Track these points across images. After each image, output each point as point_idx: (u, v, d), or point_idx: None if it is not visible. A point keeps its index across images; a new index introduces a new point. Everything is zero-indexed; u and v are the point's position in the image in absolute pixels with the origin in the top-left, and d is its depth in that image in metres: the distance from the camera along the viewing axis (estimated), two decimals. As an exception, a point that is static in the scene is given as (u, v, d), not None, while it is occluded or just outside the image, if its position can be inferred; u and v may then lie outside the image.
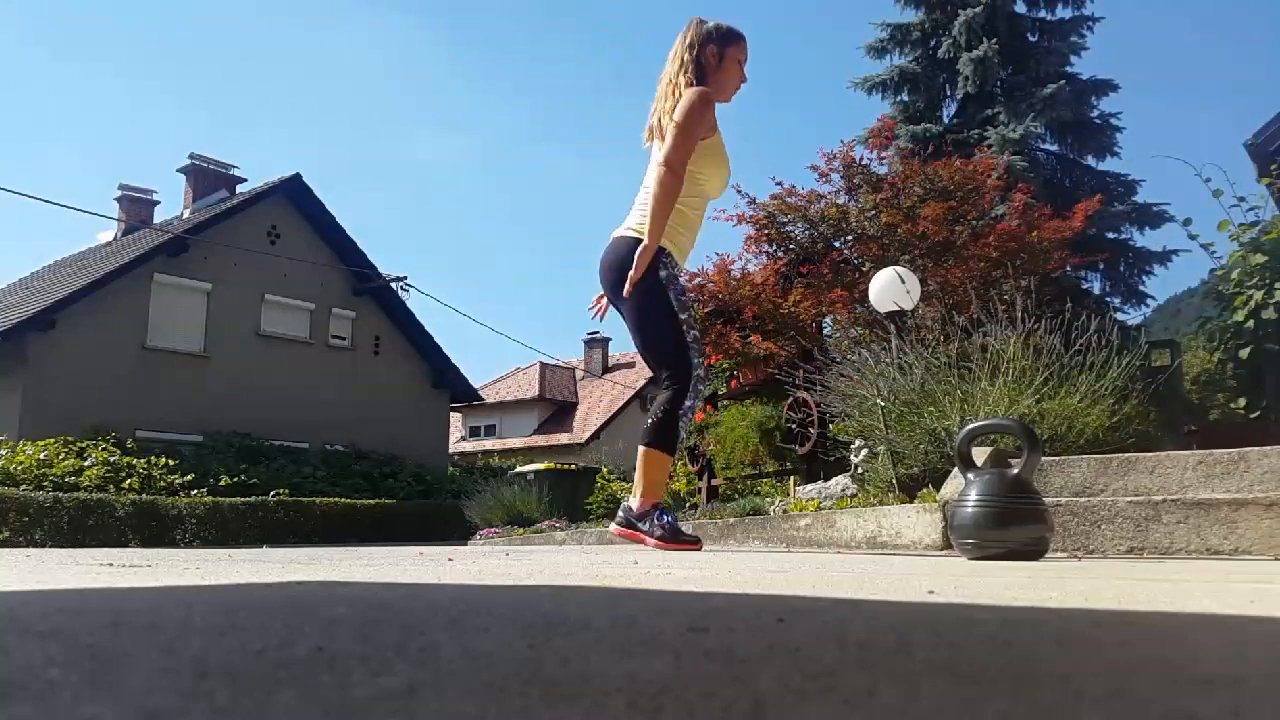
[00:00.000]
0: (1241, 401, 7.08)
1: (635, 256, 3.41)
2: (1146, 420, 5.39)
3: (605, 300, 3.82)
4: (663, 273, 3.48)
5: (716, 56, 3.62)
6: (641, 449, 3.54)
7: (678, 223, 3.52)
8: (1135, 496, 3.41)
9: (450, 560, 2.89)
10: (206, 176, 22.26)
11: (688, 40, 3.63)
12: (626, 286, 3.41)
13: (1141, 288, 16.93)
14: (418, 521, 15.80)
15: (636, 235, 3.48)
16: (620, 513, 3.68)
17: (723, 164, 3.64)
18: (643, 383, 30.47)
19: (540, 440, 34.00)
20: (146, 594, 1.54)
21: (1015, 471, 2.99)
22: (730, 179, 3.72)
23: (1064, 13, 17.79)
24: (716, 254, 10.94)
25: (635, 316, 3.55)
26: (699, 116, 3.45)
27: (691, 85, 3.50)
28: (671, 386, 3.45)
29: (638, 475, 3.59)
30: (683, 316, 3.48)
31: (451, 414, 25.76)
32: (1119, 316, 15.75)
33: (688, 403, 3.46)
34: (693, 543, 3.63)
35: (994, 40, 16.67)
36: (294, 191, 21.38)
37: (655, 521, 3.54)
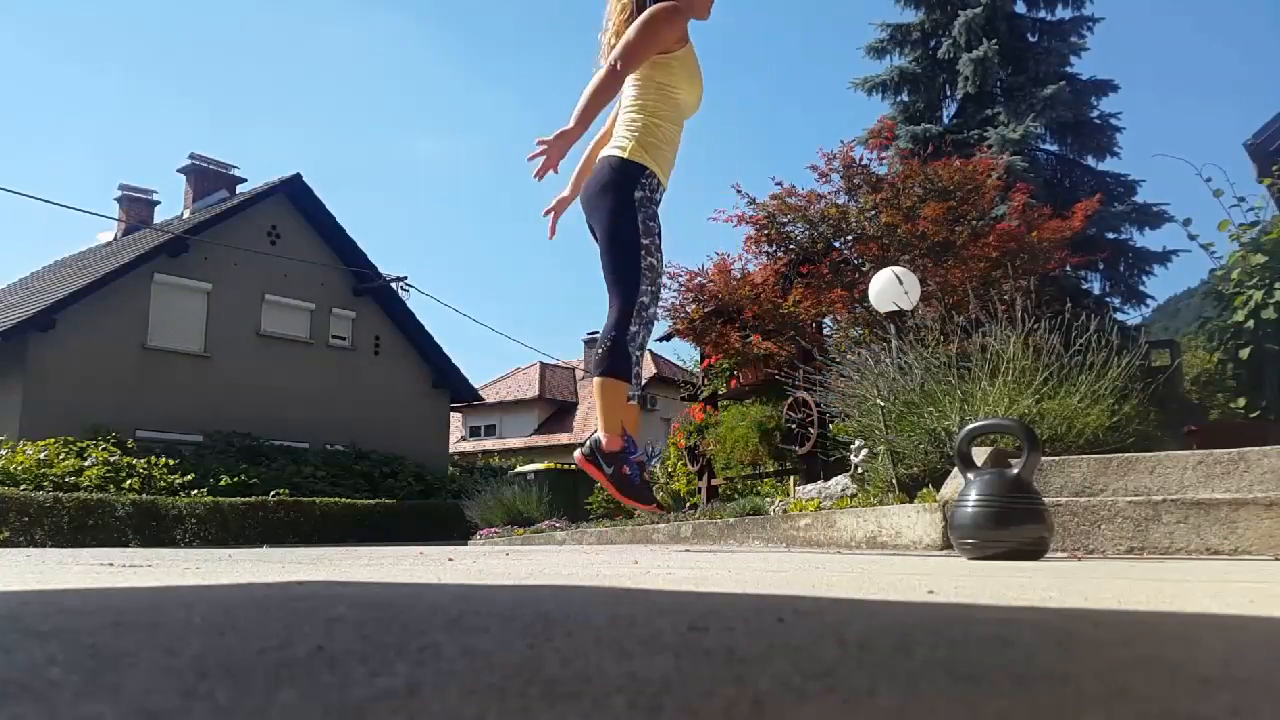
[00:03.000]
0: (1241, 401, 7.08)
1: (602, 169, 3.29)
2: (1146, 420, 5.39)
3: (559, 209, 3.69)
4: (638, 193, 3.35)
5: None
6: (596, 381, 3.40)
7: (660, 141, 3.41)
8: (1135, 496, 3.41)
9: (450, 560, 2.89)
10: (206, 176, 22.26)
11: None
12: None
13: (1141, 288, 16.93)
14: (418, 521, 15.80)
15: (616, 153, 3.36)
16: (589, 442, 3.53)
17: (697, 77, 3.49)
18: (644, 382, 30.45)
19: (540, 440, 34.00)
20: (147, 594, 1.54)
21: (1015, 471, 2.99)
22: (704, 97, 3.56)
23: (1064, 13, 17.79)
24: (716, 254, 10.95)
25: (600, 233, 3.42)
26: (660, 29, 3.29)
27: None
28: (616, 310, 3.32)
29: (598, 408, 3.45)
30: (644, 241, 3.33)
31: (451, 414, 25.75)
32: (1119, 316, 15.74)
33: (633, 328, 3.31)
34: (650, 503, 3.48)
35: (994, 41, 16.67)
36: (294, 191, 21.37)
37: (619, 466, 3.41)
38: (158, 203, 23.21)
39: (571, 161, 3.61)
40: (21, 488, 12.16)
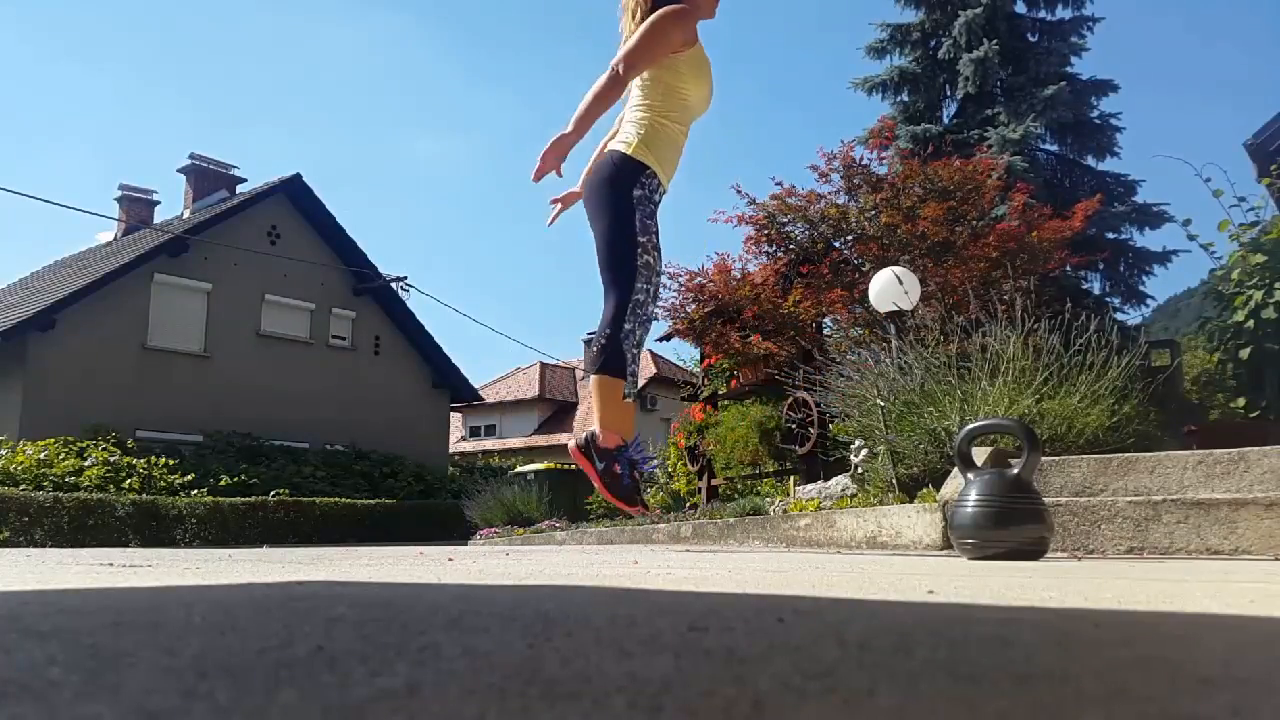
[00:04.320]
0: (1241, 401, 7.08)
1: (603, 164, 3.29)
2: (1146, 420, 5.39)
3: (566, 201, 3.70)
4: (637, 191, 3.34)
5: None
6: (592, 378, 3.40)
7: (664, 141, 3.40)
8: (1135, 496, 3.41)
9: (450, 560, 2.89)
10: (206, 176, 22.26)
11: None
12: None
13: (1141, 288, 16.93)
14: (418, 521, 15.80)
15: (619, 148, 3.35)
16: (585, 434, 3.51)
17: (706, 76, 3.49)
18: (644, 381, 30.47)
19: (540, 440, 34.00)
20: (147, 594, 1.54)
21: (1015, 471, 2.99)
22: (714, 95, 3.56)
23: (1064, 13, 17.79)
24: (716, 254, 10.95)
25: (598, 230, 3.42)
26: (665, 33, 3.29)
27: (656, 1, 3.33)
28: (611, 307, 3.31)
29: (595, 405, 3.44)
30: (641, 239, 3.32)
31: (451, 414, 25.75)
32: (1119, 316, 15.75)
33: (628, 325, 3.30)
34: (634, 505, 3.47)
35: (994, 41, 16.67)
36: (294, 191, 21.37)
37: (611, 463, 3.39)
38: (158, 203, 23.21)
39: (580, 160, 3.60)
40: (21, 488, 12.16)
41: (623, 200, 3.30)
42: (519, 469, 14.97)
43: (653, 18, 3.24)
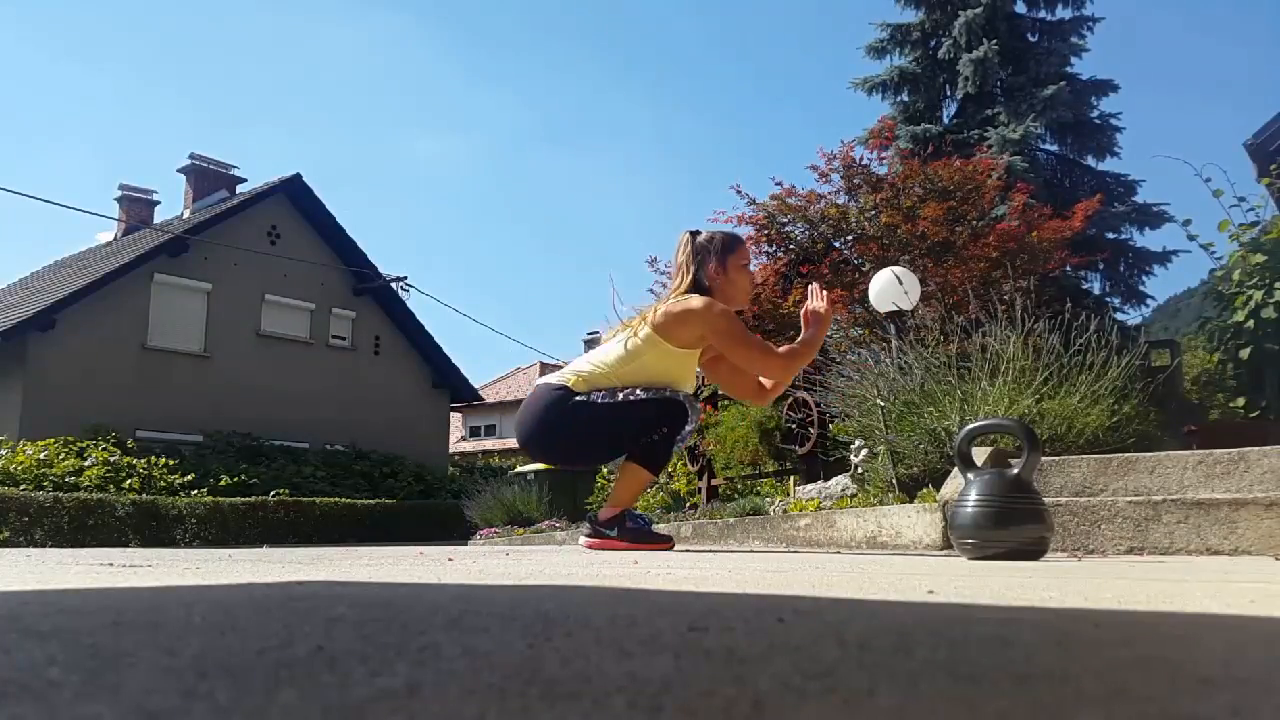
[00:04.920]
0: (1241, 401, 7.08)
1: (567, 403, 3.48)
2: (1146, 420, 5.39)
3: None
4: (577, 398, 3.46)
5: (719, 271, 3.62)
6: (626, 462, 3.53)
7: (619, 382, 3.52)
8: (1135, 496, 3.41)
9: (450, 560, 2.89)
10: (206, 176, 22.26)
11: (684, 257, 3.64)
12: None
13: (1141, 288, 16.95)
14: (418, 521, 15.80)
15: (560, 385, 3.54)
16: (585, 529, 3.68)
17: (690, 375, 3.72)
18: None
19: (540, 440, 33.97)
20: (147, 594, 1.54)
21: (1015, 471, 2.99)
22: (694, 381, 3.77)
23: (1064, 13, 17.80)
24: (716, 254, 10.93)
25: (591, 435, 3.60)
26: (732, 321, 3.53)
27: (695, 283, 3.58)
28: (668, 433, 3.50)
29: (621, 483, 3.58)
30: (618, 399, 3.49)
31: (451, 414, 25.75)
32: (1119, 316, 15.76)
33: (688, 428, 3.52)
34: (663, 542, 3.61)
35: (994, 41, 16.67)
36: (294, 191, 21.38)
37: (623, 525, 3.53)
38: (158, 203, 23.23)
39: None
40: (21, 488, 12.16)
41: (580, 413, 3.43)
42: (519, 469, 14.95)
43: (721, 318, 3.48)
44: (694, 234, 3.70)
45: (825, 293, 3.79)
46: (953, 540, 3.11)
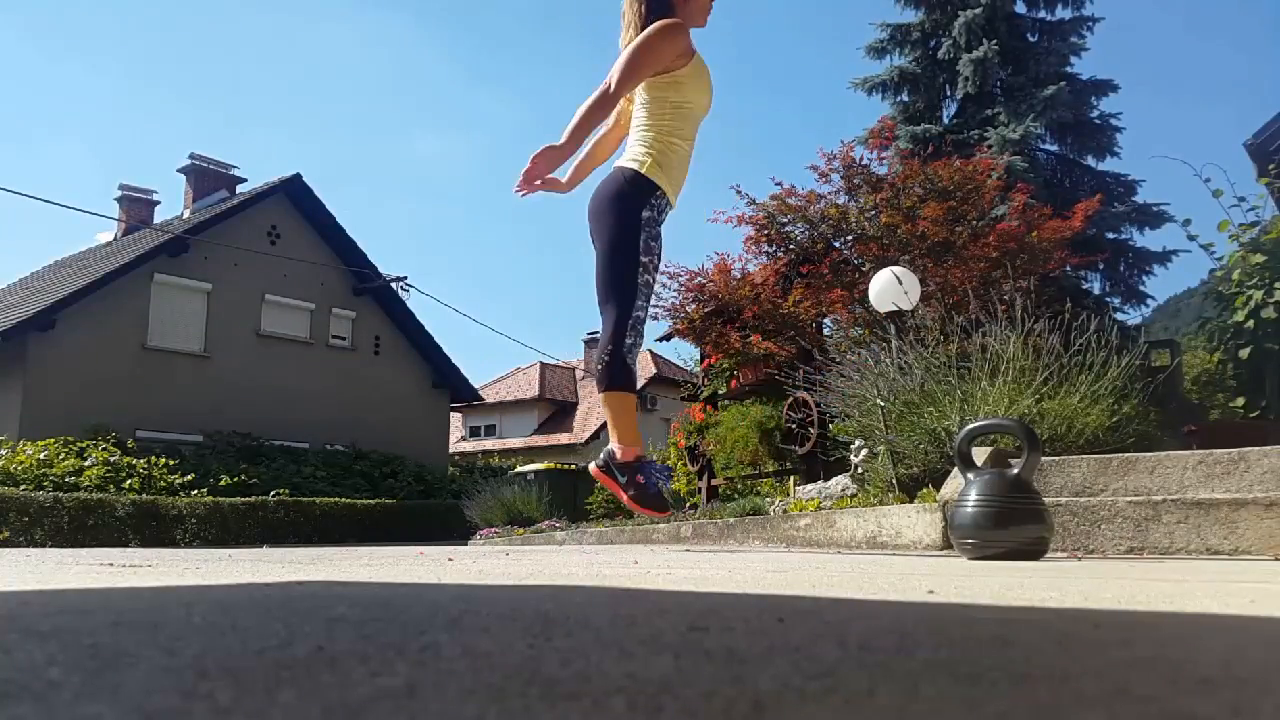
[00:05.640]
0: (1241, 401, 7.08)
1: (613, 180, 3.33)
2: (1146, 420, 5.39)
3: (547, 184, 3.71)
4: (646, 213, 3.39)
5: None
6: (602, 395, 3.47)
7: (675, 160, 3.44)
8: (1135, 496, 3.41)
9: (450, 560, 2.89)
10: (206, 176, 22.25)
11: None
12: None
13: (1141, 288, 16.94)
14: (418, 521, 15.79)
15: (630, 165, 3.39)
16: (603, 454, 3.60)
17: (706, 84, 3.53)
18: (644, 381, 30.49)
19: (540, 440, 33.99)
20: (147, 594, 1.54)
21: (1015, 471, 2.99)
22: (714, 103, 3.61)
23: (1064, 13, 17.79)
24: (716, 254, 10.94)
25: (603, 244, 3.46)
26: (657, 49, 3.33)
27: (651, 14, 3.39)
28: (611, 323, 3.38)
29: (609, 422, 3.52)
30: (644, 259, 3.39)
31: (451, 414, 25.74)
32: (1119, 316, 15.75)
33: (628, 340, 3.40)
34: (663, 509, 3.56)
35: (994, 41, 16.67)
36: (294, 191, 21.37)
37: (633, 478, 3.48)
38: (158, 203, 23.21)
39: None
40: (21, 488, 12.16)
41: (631, 219, 3.34)
42: (519, 469, 14.96)
43: (644, 34, 3.28)
44: None
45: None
46: (953, 540, 3.11)
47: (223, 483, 15.21)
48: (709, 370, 11.62)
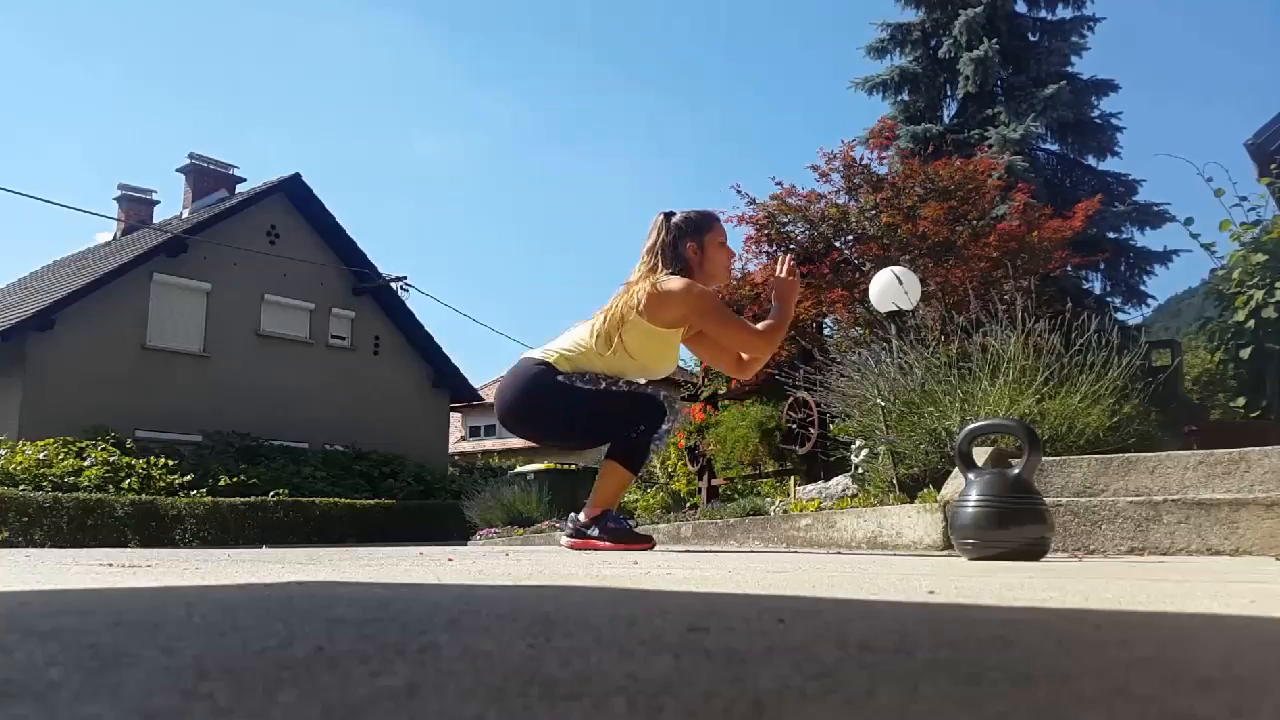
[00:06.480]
0: (1242, 401, 7.08)
1: (538, 380, 3.50)
2: (1147, 420, 5.39)
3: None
4: (559, 378, 3.50)
5: (697, 250, 3.61)
6: (606, 461, 3.57)
7: (602, 365, 3.60)
8: (1136, 496, 3.41)
9: (450, 560, 2.89)
10: (206, 176, 22.26)
11: (661, 239, 3.63)
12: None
13: (1142, 288, 16.96)
14: (418, 521, 15.79)
15: (542, 360, 3.56)
16: (569, 526, 3.70)
17: (672, 358, 3.74)
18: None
19: (540, 440, 33.93)
20: (147, 594, 1.54)
21: (1016, 471, 2.99)
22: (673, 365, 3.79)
23: (1064, 13, 17.80)
24: (716, 254, 10.92)
25: (568, 420, 3.63)
26: (712, 300, 3.57)
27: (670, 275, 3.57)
28: (645, 430, 3.54)
29: (601, 485, 3.62)
30: (601, 387, 3.54)
31: (451, 414, 25.75)
32: (1119, 316, 15.76)
33: (665, 426, 3.59)
34: (644, 542, 3.63)
35: (994, 40, 16.67)
36: (294, 191, 21.37)
37: (604, 525, 3.56)
38: (157, 203, 23.23)
39: None
40: (21, 488, 12.16)
41: (555, 392, 3.45)
42: (519, 469, 14.94)
43: (700, 298, 3.51)
44: (668, 215, 3.70)
45: (788, 260, 3.82)
46: (953, 540, 3.11)
47: (222, 483, 15.21)
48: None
